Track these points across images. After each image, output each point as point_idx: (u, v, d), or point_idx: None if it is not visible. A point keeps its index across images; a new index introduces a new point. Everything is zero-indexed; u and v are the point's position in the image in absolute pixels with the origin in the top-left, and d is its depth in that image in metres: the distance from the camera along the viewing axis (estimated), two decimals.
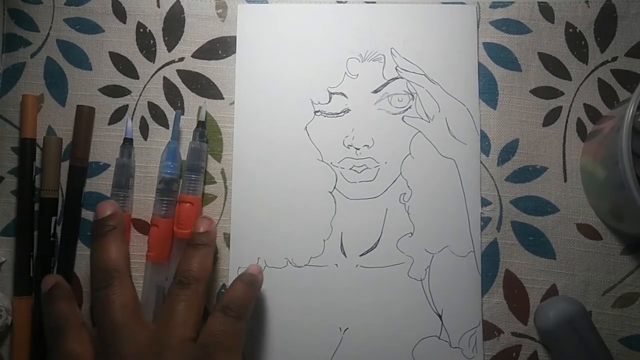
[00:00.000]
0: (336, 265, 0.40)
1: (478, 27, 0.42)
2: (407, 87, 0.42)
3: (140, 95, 0.42)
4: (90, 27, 0.43)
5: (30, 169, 0.41)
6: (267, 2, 0.43)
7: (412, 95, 0.42)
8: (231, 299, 0.36)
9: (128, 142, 0.41)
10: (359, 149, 0.41)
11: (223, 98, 0.42)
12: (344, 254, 0.40)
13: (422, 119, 0.41)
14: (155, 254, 0.39)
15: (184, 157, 0.41)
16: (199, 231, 0.38)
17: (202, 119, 0.41)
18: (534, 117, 0.42)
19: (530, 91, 0.42)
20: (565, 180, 0.41)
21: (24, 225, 0.41)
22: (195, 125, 0.41)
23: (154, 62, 0.43)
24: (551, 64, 0.42)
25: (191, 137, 0.41)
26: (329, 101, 0.42)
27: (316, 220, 0.41)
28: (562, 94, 0.42)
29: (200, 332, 0.35)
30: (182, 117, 0.42)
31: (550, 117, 0.42)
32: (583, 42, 0.42)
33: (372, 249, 0.40)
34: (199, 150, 0.41)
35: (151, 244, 0.39)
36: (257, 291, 0.38)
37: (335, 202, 0.41)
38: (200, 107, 0.41)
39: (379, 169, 0.41)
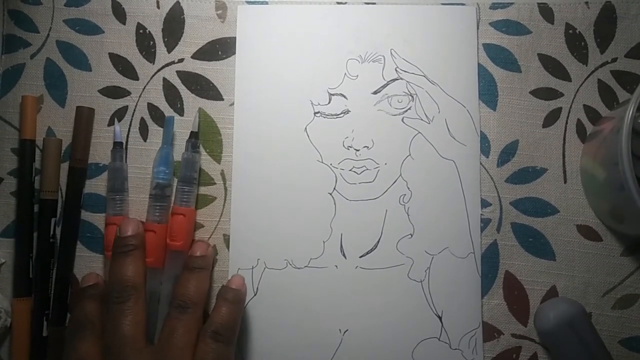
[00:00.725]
0: (336, 266, 0.40)
1: (478, 28, 0.42)
2: (406, 88, 0.42)
3: (139, 96, 0.42)
4: (90, 28, 0.43)
5: (30, 170, 0.41)
6: (267, 3, 0.43)
7: (412, 96, 0.42)
8: (220, 324, 0.36)
9: (118, 145, 0.41)
10: (358, 150, 0.41)
11: (223, 99, 0.42)
12: (344, 255, 0.40)
13: (421, 120, 0.41)
14: (153, 260, 0.39)
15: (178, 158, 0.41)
16: (196, 255, 0.38)
17: (195, 129, 0.41)
18: (534, 118, 0.42)
19: (530, 92, 0.42)
20: (565, 182, 0.41)
21: (23, 226, 0.41)
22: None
23: (153, 63, 0.43)
24: (551, 65, 0.42)
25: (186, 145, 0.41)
26: (329, 102, 0.42)
27: (316, 222, 0.41)
28: (562, 95, 0.42)
29: (194, 358, 0.35)
30: (181, 118, 0.42)
31: (550, 118, 0.42)
32: (583, 43, 0.42)
33: (371, 250, 0.40)
34: (191, 161, 0.40)
35: (148, 250, 0.39)
36: (242, 308, 0.39)
37: (335, 204, 0.41)
38: (194, 117, 0.41)
39: (378, 170, 0.41)
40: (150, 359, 0.35)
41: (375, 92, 0.42)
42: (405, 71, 0.42)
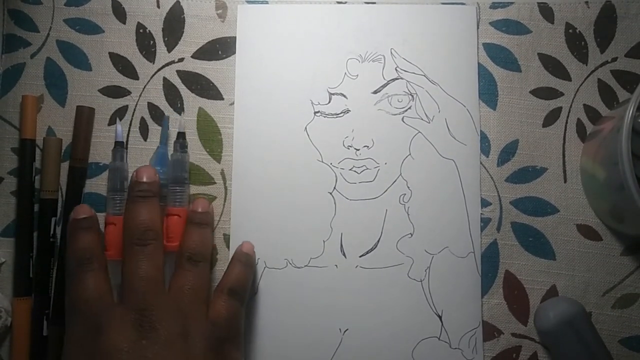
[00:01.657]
0: (336, 266, 0.40)
1: (478, 27, 0.42)
2: (407, 87, 0.42)
3: (140, 96, 0.42)
4: (90, 28, 0.43)
5: (30, 170, 0.41)
6: (267, 3, 0.43)
7: (412, 96, 0.42)
8: (236, 283, 0.37)
9: (119, 145, 0.41)
10: (358, 150, 0.41)
11: (223, 99, 0.42)
12: (344, 254, 0.40)
13: (422, 119, 0.41)
14: None
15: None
16: (197, 210, 0.38)
17: (182, 129, 0.41)
18: (534, 118, 0.42)
19: (530, 92, 0.42)
20: (565, 181, 0.41)
21: (23, 226, 0.40)
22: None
23: (153, 63, 0.43)
24: (551, 64, 0.42)
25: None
26: (329, 102, 0.42)
27: (316, 221, 0.41)
28: (562, 94, 0.42)
29: (210, 314, 0.35)
30: (181, 117, 0.42)
31: (550, 118, 0.42)
32: (583, 43, 0.42)
33: (371, 249, 0.40)
34: (180, 161, 0.40)
35: None
36: (253, 273, 0.39)
37: (335, 203, 0.41)
38: (180, 118, 0.41)
39: (378, 169, 0.41)
40: (171, 305, 0.34)
41: (375, 92, 0.42)
42: (405, 71, 0.42)
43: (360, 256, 0.40)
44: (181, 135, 0.41)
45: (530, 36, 0.42)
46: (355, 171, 0.41)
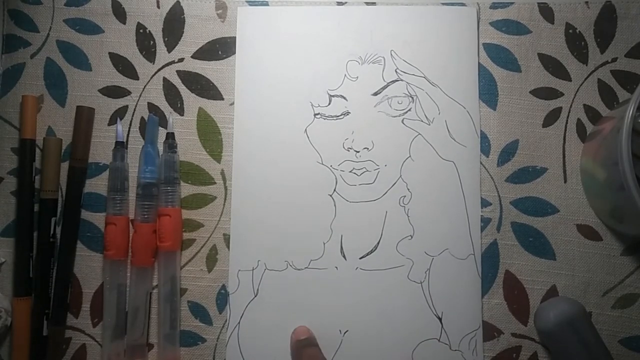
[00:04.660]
0: (336, 267, 0.40)
1: (478, 28, 0.42)
2: (407, 89, 0.42)
3: (140, 96, 0.42)
4: (90, 28, 0.43)
5: (30, 170, 0.41)
6: (267, 4, 0.43)
7: (412, 98, 0.42)
8: None
9: (120, 145, 0.41)
10: (358, 152, 0.41)
11: (223, 99, 0.42)
12: (344, 256, 0.40)
13: (422, 121, 0.41)
14: (137, 259, 0.39)
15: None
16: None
17: (171, 130, 0.41)
18: (534, 118, 0.42)
19: (530, 92, 0.42)
20: (565, 181, 0.41)
21: (23, 226, 0.41)
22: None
23: (153, 63, 0.43)
24: (551, 64, 0.42)
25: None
26: (329, 104, 0.42)
27: (316, 223, 0.41)
28: (562, 94, 0.42)
29: None
30: (181, 117, 0.42)
31: (550, 118, 0.42)
32: (583, 43, 0.42)
33: (372, 251, 0.40)
34: (170, 161, 0.40)
35: (134, 249, 0.40)
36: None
37: (335, 205, 0.41)
38: (169, 119, 0.41)
39: (378, 171, 0.41)
40: None
41: (375, 94, 0.42)
42: (406, 72, 0.42)
43: (360, 258, 0.40)
44: (170, 136, 0.41)
45: (530, 36, 0.42)
46: (355, 173, 0.41)
